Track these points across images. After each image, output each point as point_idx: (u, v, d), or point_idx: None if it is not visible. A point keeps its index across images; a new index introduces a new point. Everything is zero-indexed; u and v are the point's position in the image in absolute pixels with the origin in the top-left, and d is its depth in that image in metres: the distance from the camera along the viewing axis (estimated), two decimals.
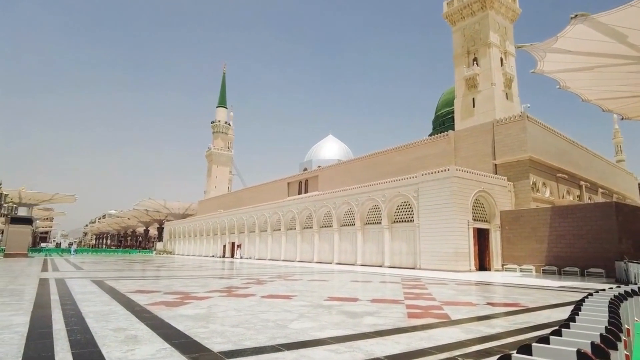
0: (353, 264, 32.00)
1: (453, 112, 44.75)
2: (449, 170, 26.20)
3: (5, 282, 13.73)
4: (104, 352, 4.78)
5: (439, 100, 59.92)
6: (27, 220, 45.46)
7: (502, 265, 26.53)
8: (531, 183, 29.13)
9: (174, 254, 68.76)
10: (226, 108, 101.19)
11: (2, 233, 63.87)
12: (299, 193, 52.23)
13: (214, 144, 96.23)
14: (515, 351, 2.78)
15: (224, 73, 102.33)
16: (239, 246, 50.26)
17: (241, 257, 47.99)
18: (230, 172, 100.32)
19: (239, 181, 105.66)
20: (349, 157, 61.53)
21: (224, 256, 52.74)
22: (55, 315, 7.33)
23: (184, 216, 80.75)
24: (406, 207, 29.24)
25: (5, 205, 49.90)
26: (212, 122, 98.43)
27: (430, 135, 48.86)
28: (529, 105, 36.93)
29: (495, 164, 31.08)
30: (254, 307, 8.79)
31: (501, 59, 40.62)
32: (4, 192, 44.91)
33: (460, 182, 25.93)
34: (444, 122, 54.76)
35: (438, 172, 26.79)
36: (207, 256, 56.01)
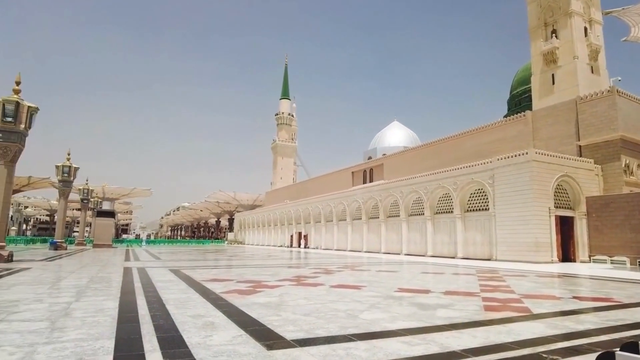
0: (423, 255, 31.42)
1: (530, 91, 42.02)
2: (527, 153, 24.71)
3: (95, 270, 15.15)
4: (184, 337, 5.12)
5: (513, 79, 56.52)
6: (111, 214, 49.65)
7: (589, 257, 24.66)
8: (623, 165, 26.66)
9: (244, 243, 71.76)
10: (289, 99, 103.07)
11: (90, 226, 70.46)
12: (364, 182, 52.08)
13: (279, 135, 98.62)
14: (618, 348, 2.58)
15: (286, 64, 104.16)
16: (305, 236, 51.31)
17: (308, 247, 48.98)
18: (295, 163, 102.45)
19: (304, 172, 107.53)
20: (415, 143, 60.08)
21: (291, 246, 54.14)
22: (140, 301, 7.98)
23: (252, 207, 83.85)
24: (480, 194, 28.08)
25: (92, 200, 54.90)
26: (276, 114, 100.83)
27: (505, 116, 46.30)
28: (619, 78, 33.47)
29: (580, 146, 28.79)
30: (323, 296, 8.95)
31: (585, 29, 37.27)
32: (90, 188, 49.40)
33: (540, 166, 24.37)
34: (519, 101, 51.63)
35: (515, 156, 25.36)
36: (275, 246, 57.85)
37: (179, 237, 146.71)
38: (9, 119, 17.72)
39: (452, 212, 29.77)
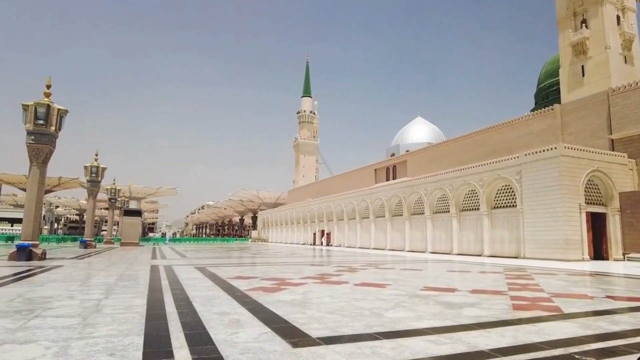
0: (448, 253, 31.03)
1: (558, 84, 40.83)
2: (555, 148, 24.07)
3: (123, 268, 15.56)
4: (211, 334, 5.21)
5: (540, 72, 55.06)
6: (138, 213, 50.82)
7: (624, 255, 23.88)
8: None
9: (267, 241, 72.40)
10: (311, 97, 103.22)
11: (118, 224, 72.37)
12: (387, 179, 51.76)
13: (300, 134, 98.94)
14: None
15: (307, 62, 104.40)
16: (328, 234, 51.38)
17: (331, 245, 49.02)
18: (317, 160, 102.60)
19: (326, 169, 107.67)
20: (439, 139, 59.25)
21: (314, 244, 54.30)
22: (167, 298, 8.15)
23: (275, 205, 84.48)
24: (507, 191, 27.53)
25: (119, 199, 56.32)
26: (298, 113, 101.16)
27: (532, 110, 45.18)
28: None
29: (612, 139, 27.86)
30: (348, 294, 8.95)
31: (617, 17, 35.96)
32: (117, 188, 50.67)
33: (570, 161, 23.70)
34: (547, 95, 50.28)
35: (543, 151, 24.74)
36: (298, 244, 58.13)
37: (203, 235, 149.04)
38: (41, 122, 18.33)
39: (478, 209, 29.28)
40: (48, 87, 19.03)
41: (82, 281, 11.05)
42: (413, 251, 35.08)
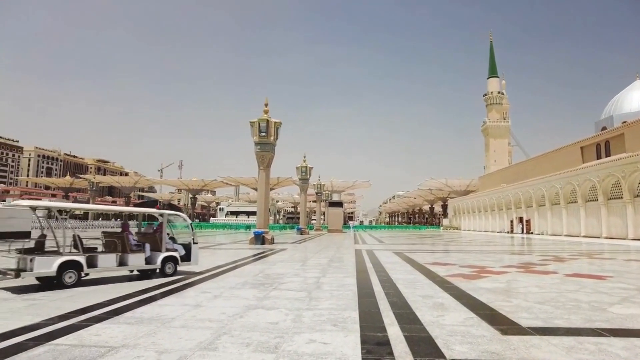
0: None
1: None
2: None
3: (332, 251, 17.12)
4: (417, 314, 5.32)
5: None
6: (339, 204, 55.17)
7: None
8: None
9: (459, 229, 69.45)
10: (497, 77, 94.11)
11: (324, 214, 79.93)
12: (598, 158, 43.43)
13: (489, 116, 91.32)
14: None
15: (491, 42, 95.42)
16: (527, 221, 46.22)
17: (531, 233, 43.97)
18: (509, 143, 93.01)
19: (520, 152, 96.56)
20: None
21: (511, 232, 49.59)
22: (373, 279, 8.65)
23: (465, 193, 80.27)
24: None
25: (324, 192, 62.13)
26: (484, 95, 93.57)
27: None
28: None
29: None
30: (558, 285, 7.93)
31: None
32: (322, 183, 56.11)
33: None
34: None
35: None
36: (493, 232, 54.00)
37: (396, 223, 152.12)
38: (263, 134, 21.61)
39: None
40: (266, 105, 22.24)
41: (302, 262, 12.62)
42: (638, 240, 28.62)
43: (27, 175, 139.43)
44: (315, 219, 63.44)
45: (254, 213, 52.51)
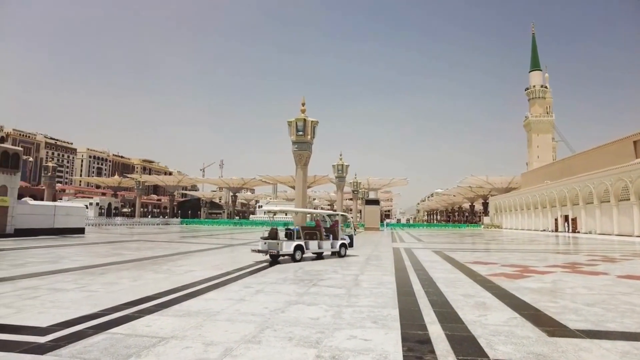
0: None
1: None
2: None
3: (370, 249, 17.03)
4: (459, 313, 5.21)
5: None
6: (376, 202, 54.71)
7: None
8: None
9: (501, 227, 67.16)
10: (540, 70, 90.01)
11: (360, 212, 79.51)
12: None
13: (531, 111, 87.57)
14: None
15: (533, 34, 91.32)
16: (573, 220, 44.03)
17: (578, 232, 41.85)
18: (553, 139, 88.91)
19: (565, 148, 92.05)
20: None
21: (556, 230, 47.40)
22: (412, 277, 8.54)
23: (507, 190, 77.47)
24: None
25: (360, 190, 61.80)
26: (526, 89, 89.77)
27: None
28: None
29: None
30: (609, 286, 7.53)
31: None
32: (358, 181, 55.78)
33: None
34: None
35: None
36: (536, 230, 51.85)
37: (435, 222, 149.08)
38: (300, 133, 21.80)
39: None
40: (303, 104, 22.41)
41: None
42: None
43: (80, 175, 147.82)
44: (352, 216, 63.32)
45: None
